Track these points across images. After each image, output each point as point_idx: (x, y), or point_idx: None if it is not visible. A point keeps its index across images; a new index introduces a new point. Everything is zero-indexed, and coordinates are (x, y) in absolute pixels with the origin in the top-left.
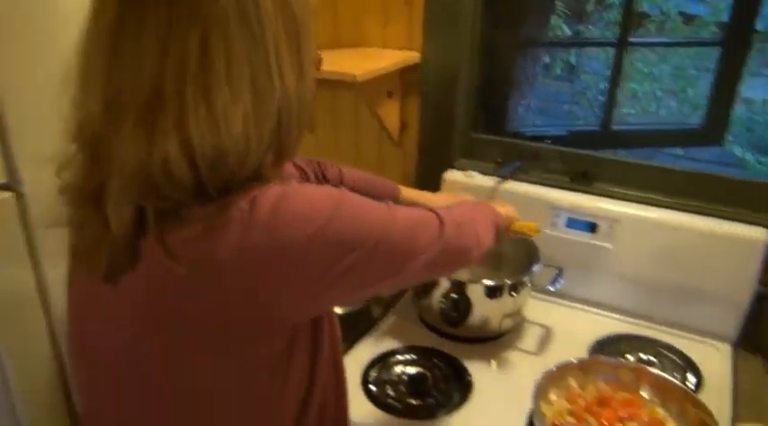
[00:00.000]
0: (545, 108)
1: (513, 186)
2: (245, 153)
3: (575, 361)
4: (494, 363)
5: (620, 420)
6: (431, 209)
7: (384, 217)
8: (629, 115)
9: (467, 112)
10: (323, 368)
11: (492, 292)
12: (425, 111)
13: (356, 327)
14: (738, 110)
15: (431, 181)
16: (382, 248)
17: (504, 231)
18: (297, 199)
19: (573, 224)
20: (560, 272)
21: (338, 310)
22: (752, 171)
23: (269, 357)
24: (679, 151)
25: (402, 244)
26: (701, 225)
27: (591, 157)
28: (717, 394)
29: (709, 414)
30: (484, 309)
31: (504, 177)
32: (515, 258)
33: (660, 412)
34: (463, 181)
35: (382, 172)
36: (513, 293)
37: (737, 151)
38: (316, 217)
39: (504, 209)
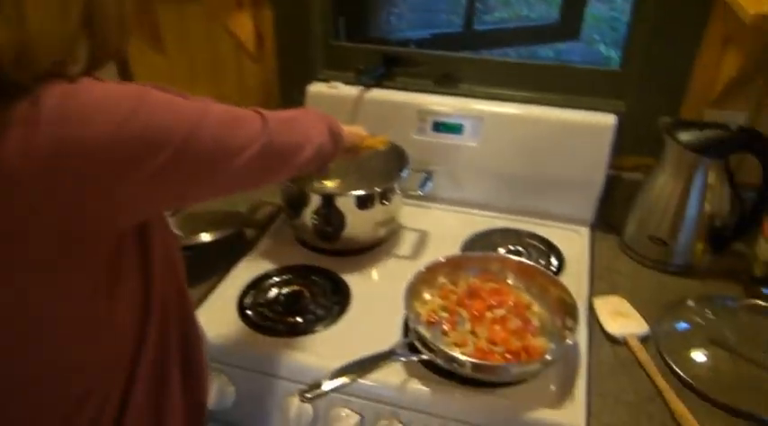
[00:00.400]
0: (409, 13)
1: (379, 94)
2: (49, 48)
3: (443, 260)
4: (371, 272)
5: (490, 308)
6: (252, 109)
7: (195, 111)
8: (501, 19)
9: (324, 19)
10: (157, 273)
11: (362, 202)
12: (279, 20)
13: (229, 253)
14: (602, 9)
15: (294, 97)
16: (194, 144)
17: (342, 137)
18: (90, 94)
19: (439, 127)
20: (429, 176)
21: (208, 237)
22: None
23: (93, 269)
24: (550, 52)
25: (217, 141)
26: (556, 116)
27: (453, 59)
28: (576, 273)
29: (567, 292)
30: (357, 220)
31: (368, 85)
32: (385, 168)
33: (525, 296)
34: (327, 92)
35: (244, 91)
36: (384, 201)
37: (603, 49)
38: (113, 113)
39: (353, 129)
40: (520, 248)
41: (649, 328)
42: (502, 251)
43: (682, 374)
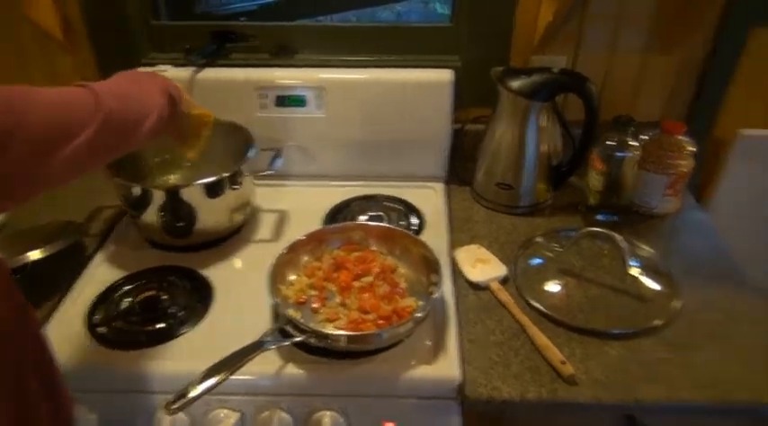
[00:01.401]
0: None
1: (213, 73)
2: None
3: (303, 237)
4: (233, 262)
5: (357, 277)
6: (80, 85)
7: (19, 101)
8: None
9: None
10: None
11: (211, 190)
12: (87, 3)
13: (67, 268)
14: None
15: None
16: (21, 135)
17: (178, 98)
18: None
19: (282, 101)
20: (278, 153)
21: (38, 254)
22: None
23: None
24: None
25: (49, 128)
26: (396, 77)
27: (286, 28)
28: (437, 229)
29: (428, 249)
30: (208, 210)
31: (199, 64)
32: (230, 151)
33: (390, 259)
34: None
35: (58, 83)
36: (234, 186)
37: (438, 7)
38: None
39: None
40: (380, 213)
41: (507, 270)
42: (363, 218)
43: (539, 306)
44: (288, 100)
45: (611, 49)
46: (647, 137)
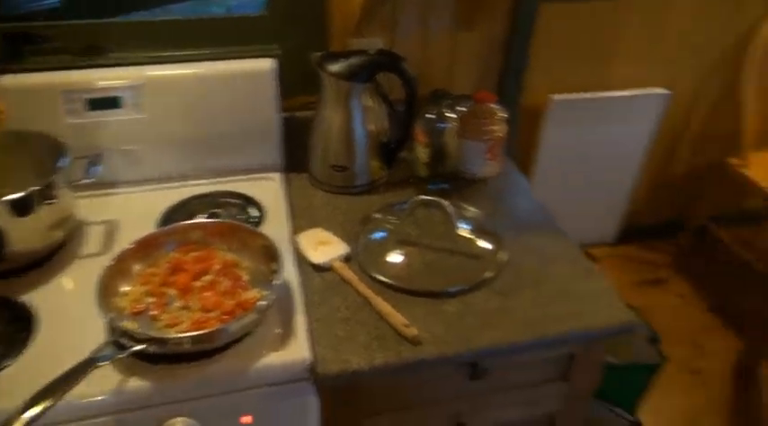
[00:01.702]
0: None
1: (11, 81)
2: None
3: (131, 246)
4: (59, 282)
5: (196, 277)
6: None
7: None
8: None
9: None
10: None
11: (19, 208)
12: None
13: None
14: None
15: None
16: None
17: None
18: None
19: (95, 104)
20: (95, 160)
21: None
22: None
23: None
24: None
25: None
26: (217, 70)
27: (94, 26)
28: (276, 218)
29: (266, 239)
30: (19, 230)
31: None
32: (39, 163)
33: (230, 255)
34: None
35: None
36: (47, 200)
37: None
38: None
39: None
40: (218, 210)
41: (349, 248)
42: (201, 217)
43: (382, 278)
44: (101, 102)
45: (423, 30)
46: (464, 109)
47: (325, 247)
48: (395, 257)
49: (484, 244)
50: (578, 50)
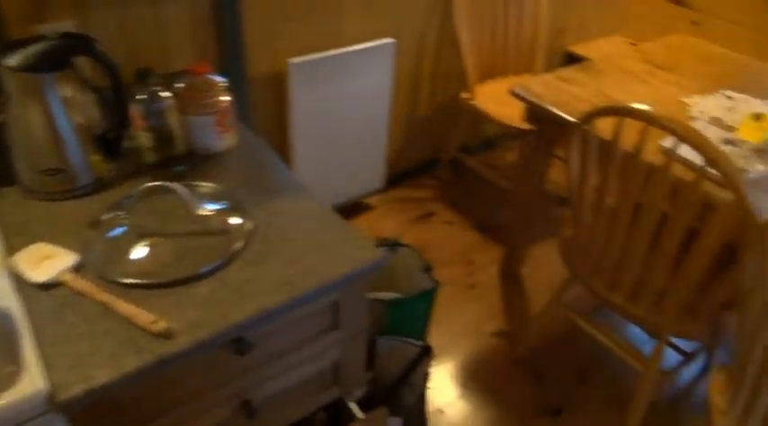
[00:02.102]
0: None
1: None
2: None
3: None
4: None
5: None
6: None
7: None
8: None
9: None
10: None
11: None
12: None
13: None
14: None
15: None
16: None
17: None
18: None
19: None
20: None
21: None
22: None
23: None
24: None
25: None
26: None
27: None
28: None
29: None
30: None
31: None
32: None
33: None
34: None
35: None
36: None
37: None
38: None
39: None
40: None
41: (79, 256)
42: None
43: (123, 280)
44: None
45: (119, 8)
46: (182, 85)
47: (48, 262)
48: (139, 253)
49: (228, 217)
50: (310, 13)
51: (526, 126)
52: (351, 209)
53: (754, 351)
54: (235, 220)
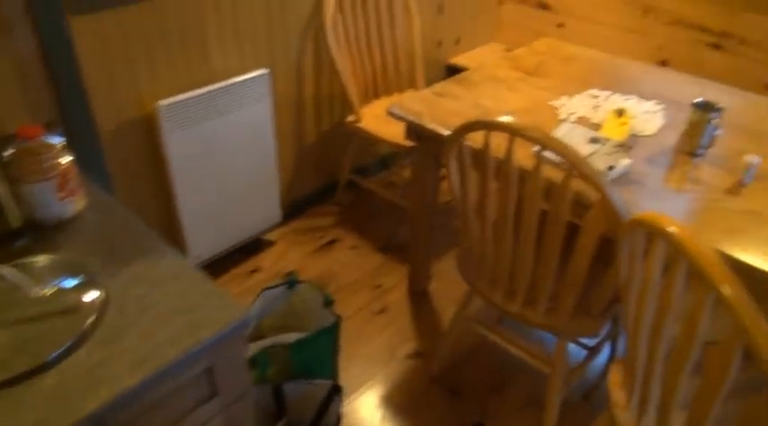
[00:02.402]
0: None
1: None
2: None
3: None
4: None
5: None
6: None
7: None
8: None
9: None
10: None
11: None
12: None
13: None
14: None
15: None
16: None
17: None
18: None
19: None
20: None
21: None
22: None
23: None
24: None
25: None
26: None
27: None
28: None
29: None
30: None
31: None
32: None
33: None
34: None
35: None
36: None
37: None
38: None
39: None
40: None
41: None
42: None
43: None
44: None
45: None
46: (12, 151)
47: None
48: None
49: (77, 292)
50: (172, 51)
51: (412, 143)
52: (251, 248)
53: (638, 344)
54: (85, 294)
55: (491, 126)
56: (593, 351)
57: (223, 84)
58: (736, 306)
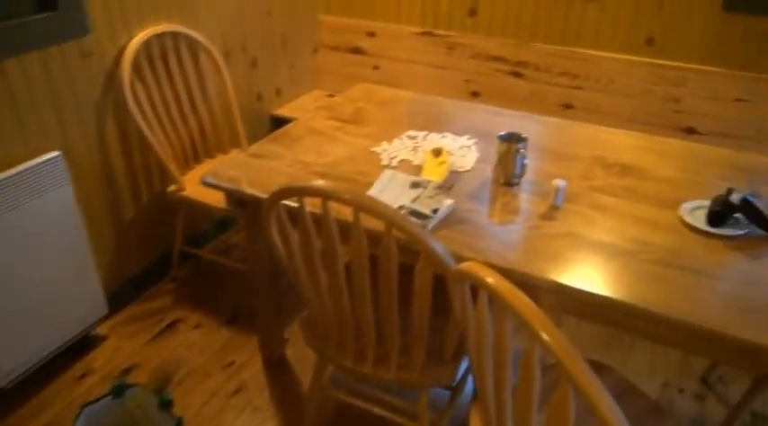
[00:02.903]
0: None
1: None
2: None
3: None
4: None
5: None
6: None
7: None
8: None
9: None
10: None
11: None
12: None
13: None
14: None
15: None
16: None
17: None
18: None
19: None
20: None
21: None
22: None
23: None
24: None
25: None
26: None
27: None
28: None
29: None
30: None
31: None
32: None
33: None
34: None
35: None
36: None
37: None
38: None
39: None
40: None
41: None
42: None
43: None
44: None
45: None
46: None
47: None
48: None
49: None
50: None
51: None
52: (77, 349)
53: (485, 386)
54: None
55: (304, 191)
56: (455, 391)
57: (8, 174)
58: (558, 353)
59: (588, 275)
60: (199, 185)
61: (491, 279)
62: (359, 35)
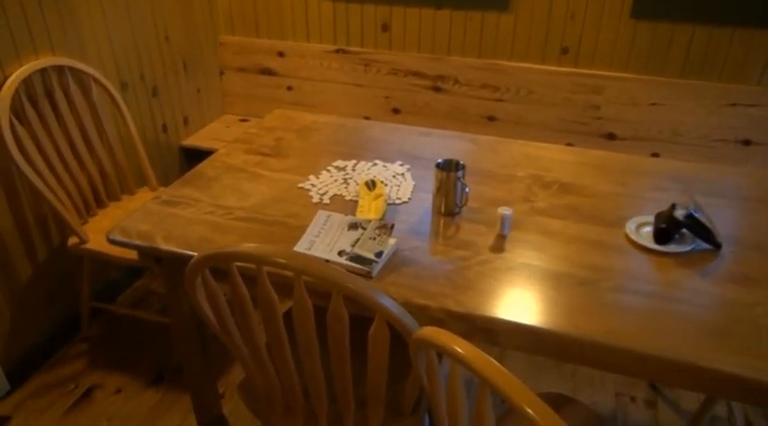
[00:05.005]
0: None
1: None
2: None
3: None
4: None
5: None
6: None
7: None
8: None
9: None
10: None
11: None
12: None
13: None
14: None
15: None
16: None
17: None
18: None
19: None
20: None
21: None
22: None
23: None
24: None
25: None
26: None
27: None
28: None
29: None
30: None
31: None
32: None
33: None
34: None
35: None
36: None
37: None
38: None
39: None
40: None
41: None
42: None
43: None
44: None
45: None
46: None
47: None
48: None
49: None
50: None
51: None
52: None
53: None
54: None
55: (232, 257)
56: None
57: None
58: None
59: (552, 313)
60: (103, 234)
61: (458, 347)
62: (268, 55)
